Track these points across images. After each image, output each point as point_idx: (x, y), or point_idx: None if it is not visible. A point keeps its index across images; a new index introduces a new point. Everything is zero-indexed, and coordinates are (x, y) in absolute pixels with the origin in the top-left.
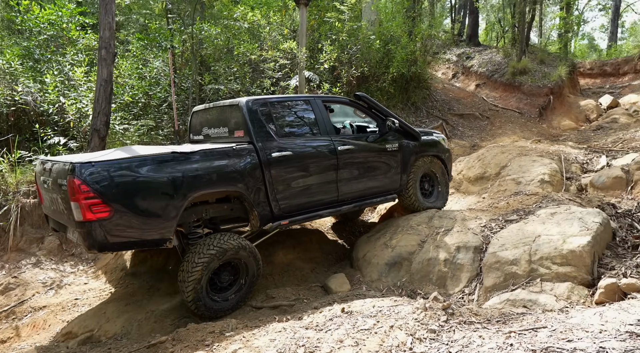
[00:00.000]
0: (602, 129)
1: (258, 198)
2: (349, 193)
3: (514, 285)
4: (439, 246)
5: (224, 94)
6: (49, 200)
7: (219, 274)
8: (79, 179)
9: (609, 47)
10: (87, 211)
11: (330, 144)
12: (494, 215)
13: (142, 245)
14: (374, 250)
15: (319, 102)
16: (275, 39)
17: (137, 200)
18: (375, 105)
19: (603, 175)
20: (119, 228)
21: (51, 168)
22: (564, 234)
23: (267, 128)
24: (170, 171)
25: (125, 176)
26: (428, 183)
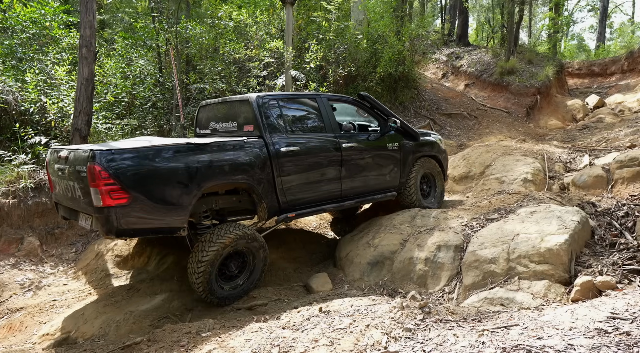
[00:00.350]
0: (588, 128)
1: (266, 191)
2: (351, 188)
3: (492, 283)
4: (420, 245)
5: (209, 93)
6: (64, 187)
7: (227, 263)
8: (100, 165)
9: (597, 48)
10: (106, 197)
11: (335, 141)
12: (475, 214)
13: (157, 231)
14: (356, 250)
15: (325, 100)
16: (262, 38)
17: (155, 188)
18: (378, 105)
19: (584, 174)
20: (136, 215)
21: (68, 156)
22: (542, 232)
23: (276, 123)
24: (186, 161)
25: (144, 165)
26: (426, 184)
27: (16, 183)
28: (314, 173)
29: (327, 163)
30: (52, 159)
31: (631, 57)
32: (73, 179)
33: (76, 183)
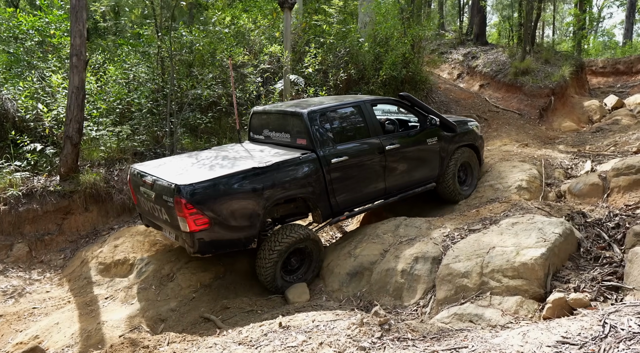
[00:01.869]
0: (602, 131)
1: (320, 198)
2: (394, 185)
3: (464, 298)
4: (398, 257)
5: (206, 99)
6: (150, 207)
7: (289, 259)
8: (185, 199)
9: (623, 45)
10: (192, 224)
11: (379, 144)
12: (459, 224)
13: (234, 246)
14: (337, 259)
15: (368, 106)
16: (262, 43)
17: (229, 211)
18: (418, 103)
19: (580, 182)
20: (215, 235)
21: (153, 184)
22: (519, 246)
23: (326, 136)
24: (253, 184)
25: (220, 193)
26: (463, 172)
27: (7, 190)
28: (361, 177)
29: (372, 166)
30: (134, 179)
31: None
32: (160, 205)
33: (163, 208)
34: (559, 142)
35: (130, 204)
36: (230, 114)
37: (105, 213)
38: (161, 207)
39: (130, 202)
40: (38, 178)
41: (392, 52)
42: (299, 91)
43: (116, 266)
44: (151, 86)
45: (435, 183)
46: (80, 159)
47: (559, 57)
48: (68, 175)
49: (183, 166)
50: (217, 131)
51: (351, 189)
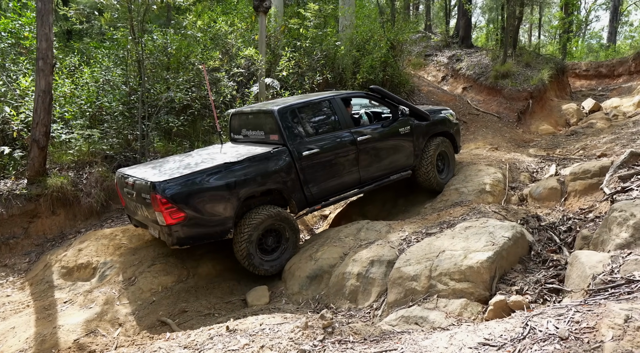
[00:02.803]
0: (576, 134)
1: (294, 190)
2: (369, 175)
3: (412, 301)
4: (356, 260)
5: (180, 102)
6: (133, 206)
7: (265, 238)
8: (160, 194)
9: (606, 48)
10: (168, 217)
11: (351, 137)
12: (418, 227)
13: (210, 237)
14: (299, 262)
15: (338, 100)
16: (238, 46)
17: (204, 204)
18: (388, 95)
19: (540, 186)
20: (192, 227)
21: (134, 184)
22: (468, 249)
23: (296, 131)
24: (225, 178)
25: (193, 188)
26: (441, 162)
27: None
28: (334, 168)
29: (345, 157)
30: (120, 182)
31: (638, 58)
32: (140, 202)
33: (143, 206)
34: (533, 145)
35: (97, 208)
36: (204, 117)
37: (73, 217)
38: (142, 205)
39: (98, 205)
40: (5, 181)
41: (369, 55)
42: (274, 94)
43: (79, 270)
44: (126, 89)
45: (411, 171)
46: (49, 163)
47: (540, 61)
48: (35, 178)
49: (164, 167)
50: (191, 134)
51: (324, 180)
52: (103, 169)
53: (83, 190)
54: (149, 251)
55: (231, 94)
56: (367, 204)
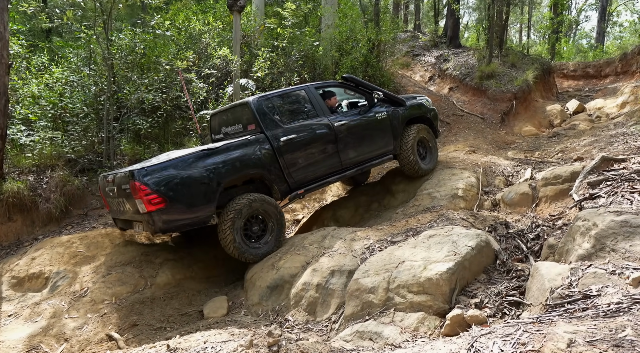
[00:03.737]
0: (558, 136)
1: (275, 176)
2: (349, 160)
3: (369, 314)
4: (316, 270)
5: (150, 104)
6: (115, 204)
7: (250, 224)
8: (138, 181)
9: (595, 49)
10: (148, 205)
11: (327, 122)
12: (385, 235)
13: (193, 224)
14: (260, 271)
15: (312, 90)
16: (213, 46)
17: (183, 191)
18: (361, 83)
19: (512, 191)
20: (173, 213)
21: (114, 179)
22: (428, 260)
23: (273, 119)
24: (203, 165)
25: (171, 174)
26: (422, 148)
27: None
28: (314, 154)
29: (323, 142)
30: (102, 184)
31: (625, 59)
32: (121, 196)
33: (124, 198)
34: (514, 147)
35: (57, 213)
36: (175, 119)
37: (31, 223)
38: (123, 198)
39: (57, 211)
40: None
41: (349, 55)
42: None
43: (30, 281)
44: (92, 90)
45: (393, 156)
46: (7, 166)
47: (526, 61)
48: None
49: (145, 163)
50: (162, 136)
51: (305, 166)
52: (64, 174)
53: (42, 195)
54: (106, 260)
55: (203, 96)
56: (341, 209)
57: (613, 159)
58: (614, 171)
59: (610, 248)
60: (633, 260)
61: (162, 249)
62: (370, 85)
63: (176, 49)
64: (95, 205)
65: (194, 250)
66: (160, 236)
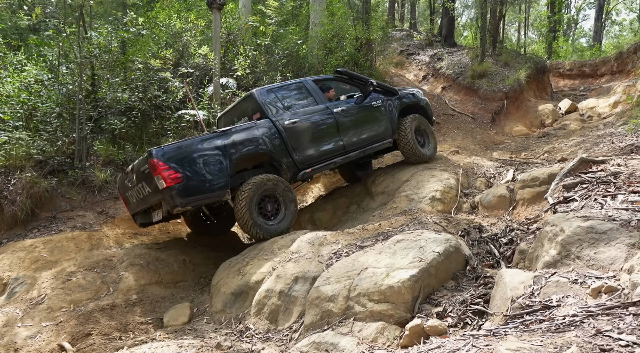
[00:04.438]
0: (547, 136)
1: (282, 156)
2: (351, 143)
3: (328, 324)
4: (280, 276)
5: (125, 102)
6: (136, 193)
7: (264, 203)
8: (157, 158)
9: (591, 47)
10: (167, 179)
11: (327, 109)
12: (355, 239)
13: (208, 197)
14: (226, 277)
15: (310, 82)
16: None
17: (198, 167)
18: (355, 75)
19: (490, 193)
20: (190, 189)
21: (132, 168)
22: (392, 266)
23: (276, 106)
24: (215, 144)
25: (187, 151)
26: (420, 136)
27: None
28: (318, 136)
29: (325, 126)
30: (121, 182)
31: (620, 58)
32: (141, 180)
33: (144, 182)
34: (502, 147)
35: (22, 216)
36: (153, 119)
37: None
38: (142, 182)
39: (23, 213)
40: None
41: (334, 54)
42: (230, 95)
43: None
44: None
45: (391, 141)
46: None
47: (520, 60)
48: None
49: None
50: (138, 136)
51: (310, 147)
52: (33, 176)
53: (8, 197)
54: (69, 265)
55: (181, 95)
56: (319, 211)
57: (592, 160)
58: (591, 173)
59: (575, 255)
60: (597, 268)
61: (129, 253)
62: (364, 77)
63: (156, 48)
64: (64, 207)
65: (164, 254)
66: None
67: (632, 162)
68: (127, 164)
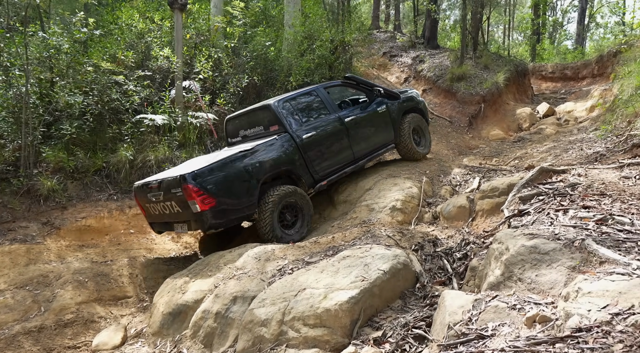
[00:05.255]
0: (522, 140)
1: (301, 170)
2: (360, 151)
3: (259, 351)
4: (219, 296)
5: (79, 106)
6: (161, 208)
7: (284, 214)
8: (191, 184)
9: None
10: (201, 204)
11: (339, 119)
12: (303, 254)
13: (239, 219)
14: (167, 294)
15: (321, 90)
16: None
17: (229, 189)
18: (362, 81)
19: (450, 204)
20: (223, 210)
21: (159, 184)
22: (331, 287)
23: (293, 119)
24: (243, 164)
25: (218, 175)
26: (417, 135)
27: None
28: (331, 147)
29: (337, 137)
30: (140, 192)
31: (601, 61)
32: (169, 199)
33: (173, 201)
34: (475, 152)
35: None
36: (109, 124)
37: None
38: (171, 201)
39: None
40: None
41: (303, 57)
42: (194, 99)
43: None
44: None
45: (394, 144)
46: None
47: (500, 63)
48: None
49: (182, 167)
50: (94, 142)
51: (326, 159)
52: None
53: None
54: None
55: (140, 99)
56: None
57: (552, 170)
58: (549, 184)
59: (517, 277)
60: (537, 292)
61: (69, 268)
62: (370, 82)
63: (115, 50)
64: (5, 218)
65: (110, 268)
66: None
67: (593, 172)
68: (78, 171)
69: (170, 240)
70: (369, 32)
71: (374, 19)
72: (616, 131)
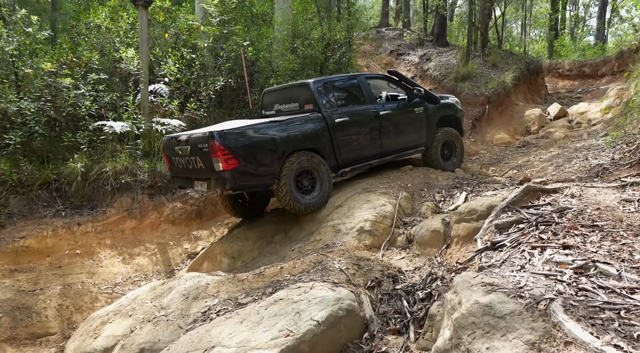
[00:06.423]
0: (527, 146)
1: (327, 152)
2: (389, 147)
3: None
4: (126, 347)
5: (31, 114)
6: (185, 163)
7: (301, 179)
8: (218, 142)
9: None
10: (224, 163)
11: (374, 110)
12: (240, 290)
13: (258, 186)
14: (79, 338)
15: (363, 79)
16: (116, 45)
17: (254, 154)
18: (404, 78)
19: (424, 227)
20: (244, 174)
21: (188, 138)
22: (246, 345)
23: (328, 101)
24: (272, 134)
25: (246, 138)
26: (447, 149)
27: None
28: (361, 137)
29: (369, 127)
30: (168, 144)
31: (621, 57)
32: (195, 154)
33: (198, 157)
34: (474, 160)
35: None
36: (66, 132)
37: None
38: (196, 156)
39: None
40: None
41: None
42: (161, 103)
43: None
44: None
45: (424, 148)
46: None
47: (510, 61)
48: None
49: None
50: (47, 151)
51: (353, 147)
52: None
53: None
54: None
55: (96, 105)
56: (240, 240)
57: (541, 189)
58: (534, 209)
59: (466, 348)
60: None
61: None
62: (412, 81)
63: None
64: None
65: (36, 299)
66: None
67: (589, 193)
68: (23, 185)
69: (120, 262)
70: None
71: (383, 16)
72: (627, 138)
